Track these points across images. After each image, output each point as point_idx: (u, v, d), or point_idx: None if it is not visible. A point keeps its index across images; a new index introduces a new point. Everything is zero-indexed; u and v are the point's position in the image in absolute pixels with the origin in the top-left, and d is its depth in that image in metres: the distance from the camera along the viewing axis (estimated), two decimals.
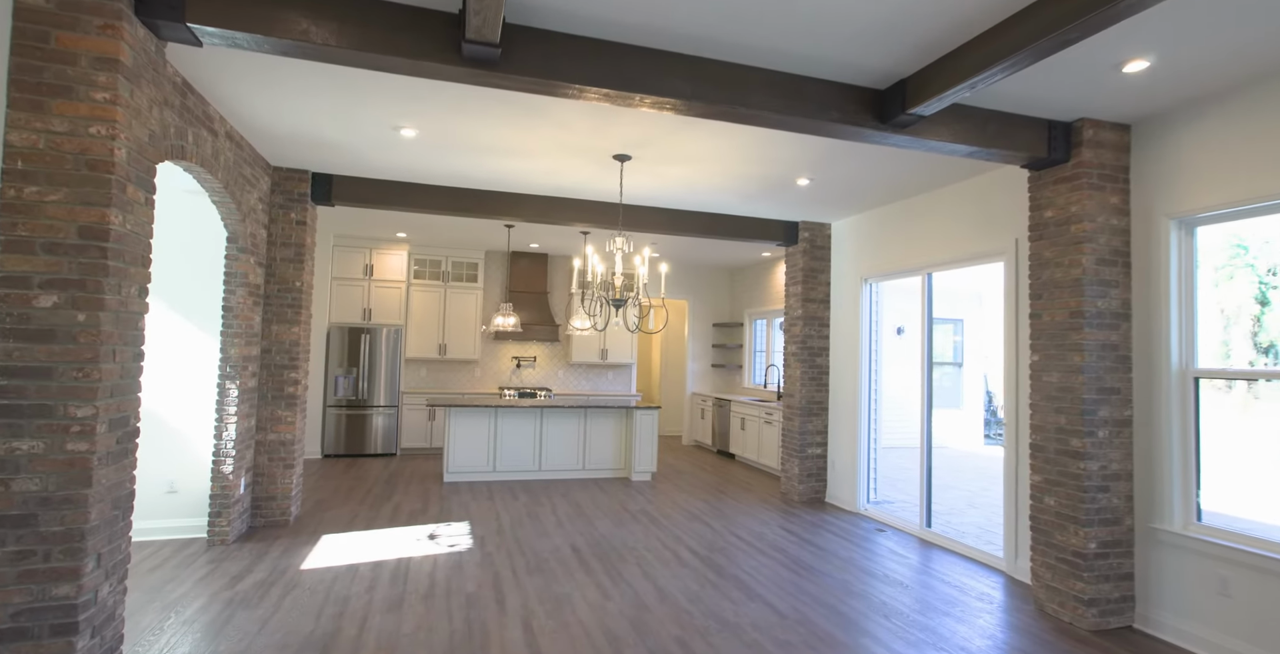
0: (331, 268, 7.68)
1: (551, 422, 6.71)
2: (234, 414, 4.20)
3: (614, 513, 5.33)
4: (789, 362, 6.20)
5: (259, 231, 4.51)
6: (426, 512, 5.19)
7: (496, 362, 8.75)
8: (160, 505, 4.25)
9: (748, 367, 9.14)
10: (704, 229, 5.87)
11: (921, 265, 4.95)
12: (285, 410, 4.70)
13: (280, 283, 4.74)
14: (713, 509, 5.57)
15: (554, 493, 6.04)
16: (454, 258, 8.35)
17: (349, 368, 7.60)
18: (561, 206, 5.48)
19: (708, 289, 9.70)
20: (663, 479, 6.88)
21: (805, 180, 4.72)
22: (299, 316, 4.77)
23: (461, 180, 5.02)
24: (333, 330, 7.58)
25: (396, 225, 7.01)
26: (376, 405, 7.68)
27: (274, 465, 4.66)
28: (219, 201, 3.97)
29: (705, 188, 5.03)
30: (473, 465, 6.44)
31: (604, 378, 9.17)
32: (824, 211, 5.71)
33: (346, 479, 6.34)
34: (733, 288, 9.72)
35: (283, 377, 4.71)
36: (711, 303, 9.73)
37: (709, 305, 9.71)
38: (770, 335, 8.76)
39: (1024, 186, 4.05)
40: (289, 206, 4.79)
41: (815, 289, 6.11)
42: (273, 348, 4.70)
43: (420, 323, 8.17)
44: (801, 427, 5.98)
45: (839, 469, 5.86)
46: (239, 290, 4.26)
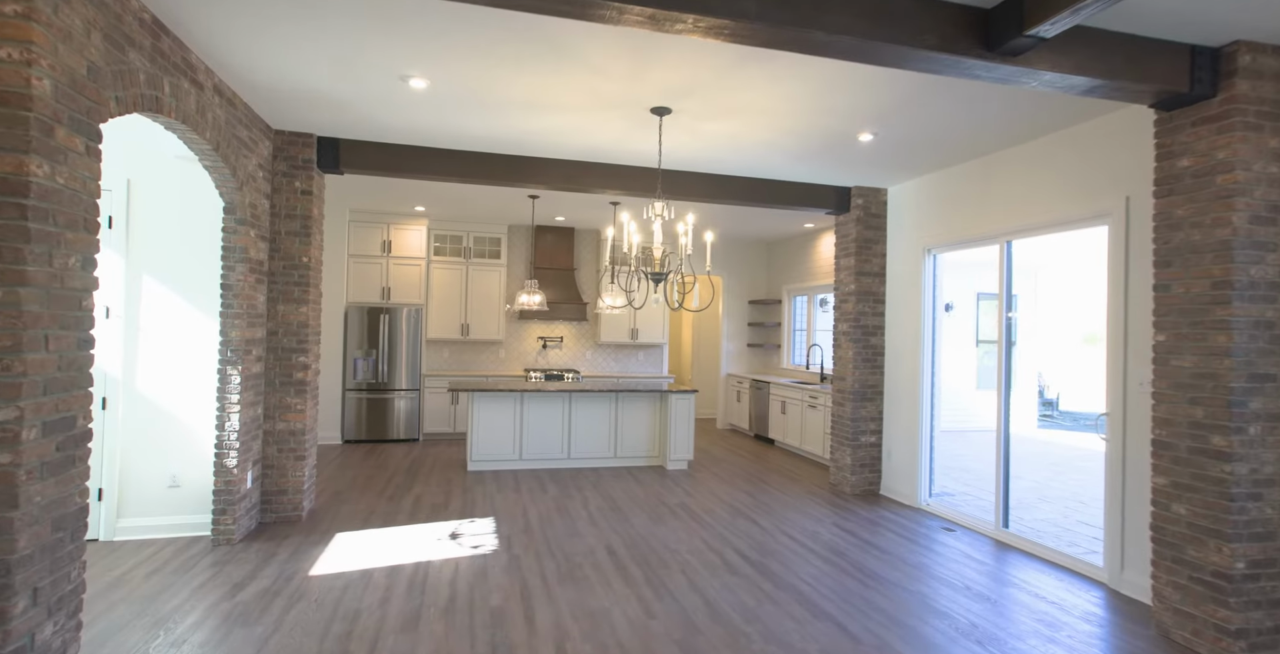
0: (348, 245, 7.29)
1: (581, 406, 6.28)
2: (237, 403, 3.83)
3: (651, 507, 4.90)
4: (839, 341, 5.66)
5: (260, 202, 4.08)
6: (449, 505, 4.81)
7: (521, 342, 8.33)
8: (162, 501, 3.93)
9: (786, 346, 8.59)
10: (746, 196, 5.30)
11: (998, 232, 4.34)
12: (295, 397, 4.33)
13: (286, 258, 4.32)
14: (757, 503, 5.11)
15: (584, 483, 5.63)
16: (475, 233, 7.90)
17: (368, 350, 7.26)
18: (590, 172, 4.95)
19: (743, 264, 9.12)
20: (700, 467, 6.44)
21: (869, 135, 4.12)
22: (307, 295, 4.36)
23: (479, 143, 4.52)
24: (350, 310, 7.22)
25: (414, 198, 6.56)
26: (397, 389, 7.34)
27: (284, 457, 4.31)
28: (211, 167, 3.54)
29: (751, 147, 4.46)
30: (498, 453, 6.06)
31: (634, 359, 8.71)
32: (882, 174, 5.10)
33: (366, 468, 6.02)
34: (770, 263, 9.13)
35: (291, 361, 4.32)
36: (747, 279, 9.16)
37: (745, 281, 9.14)
38: (811, 313, 8.18)
39: (1140, 133, 3.41)
40: (293, 174, 4.35)
41: (869, 261, 5.52)
42: (279, 330, 4.31)
43: (441, 302, 7.78)
44: (854, 413, 5.45)
45: (895, 459, 5.34)
46: (239, 267, 3.85)
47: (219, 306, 3.88)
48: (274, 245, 4.31)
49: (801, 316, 8.51)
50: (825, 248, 7.72)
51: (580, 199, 6.40)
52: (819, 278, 7.90)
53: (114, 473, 3.84)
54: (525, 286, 6.34)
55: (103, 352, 3.83)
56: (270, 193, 4.29)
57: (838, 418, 5.63)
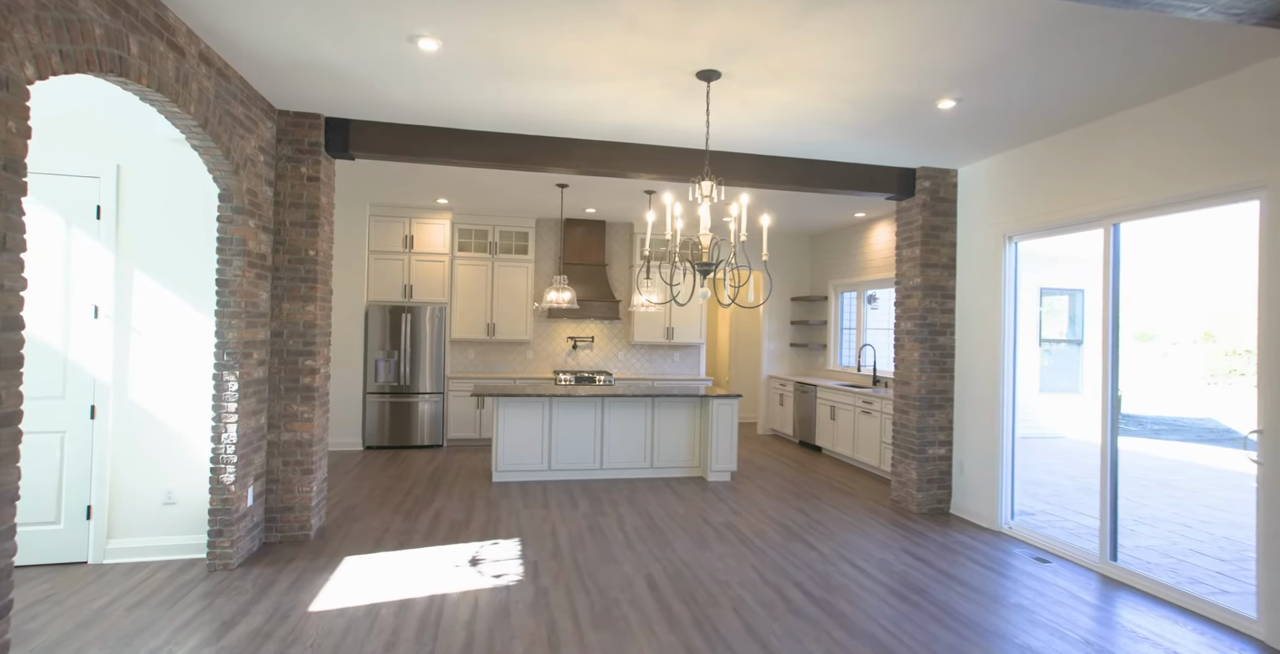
0: (368, 240, 6.93)
1: (614, 412, 5.80)
2: (234, 412, 3.44)
3: (693, 527, 4.39)
4: (902, 341, 5.06)
5: (260, 189, 3.68)
6: (470, 523, 4.37)
7: (550, 342, 7.89)
8: (156, 520, 3.56)
9: (833, 346, 7.98)
10: (798, 179, 4.74)
11: (1102, 214, 3.71)
12: (301, 405, 3.93)
13: (291, 252, 3.93)
14: (812, 523, 4.56)
15: (618, 497, 5.15)
16: (501, 227, 7.48)
17: (390, 351, 6.89)
18: (624, 154, 4.46)
19: (786, 259, 8.53)
20: (744, 479, 5.90)
21: (950, 101, 3.53)
22: (315, 292, 3.96)
23: (501, 122, 4.06)
24: (371, 309, 6.86)
25: (436, 189, 6.16)
26: (420, 392, 6.95)
27: (289, 471, 3.91)
28: (200, 147, 3.14)
29: (809, 118, 3.91)
30: (525, 462, 5.61)
31: (669, 360, 8.20)
32: (953, 152, 4.49)
33: (384, 477, 5.63)
34: (815, 256, 8.52)
35: (297, 365, 3.93)
36: (790, 274, 8.57)
37: (787, 277, 8.55)
38: (861, 310, 7.56)
39: None
40: (299, 159, 3.95)
41: (937, 252, 4.92)
42: (284, 330, 3.92)
43: (466, 300, 7.38)
44: (920, 421, 4.86)
45: (969, 475, 4.73)
46: (236, 260, 3.46)
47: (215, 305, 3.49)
48: (278, 237, 3.91)
49: (850, 314, 7.89)
50: (878, 239, 7.10)
51: (612, 188, 5.92)
52: (870, 272, 7.28)
53: (103, 489, 3.48)
54: (554, 283, 5.89)
55: (91, 355, 3.47)
56: (273, 179, 3.89)
57: (901, 427, 5.04)
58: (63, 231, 3.45)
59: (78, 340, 3.46)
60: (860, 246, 7.46)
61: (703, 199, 3.17)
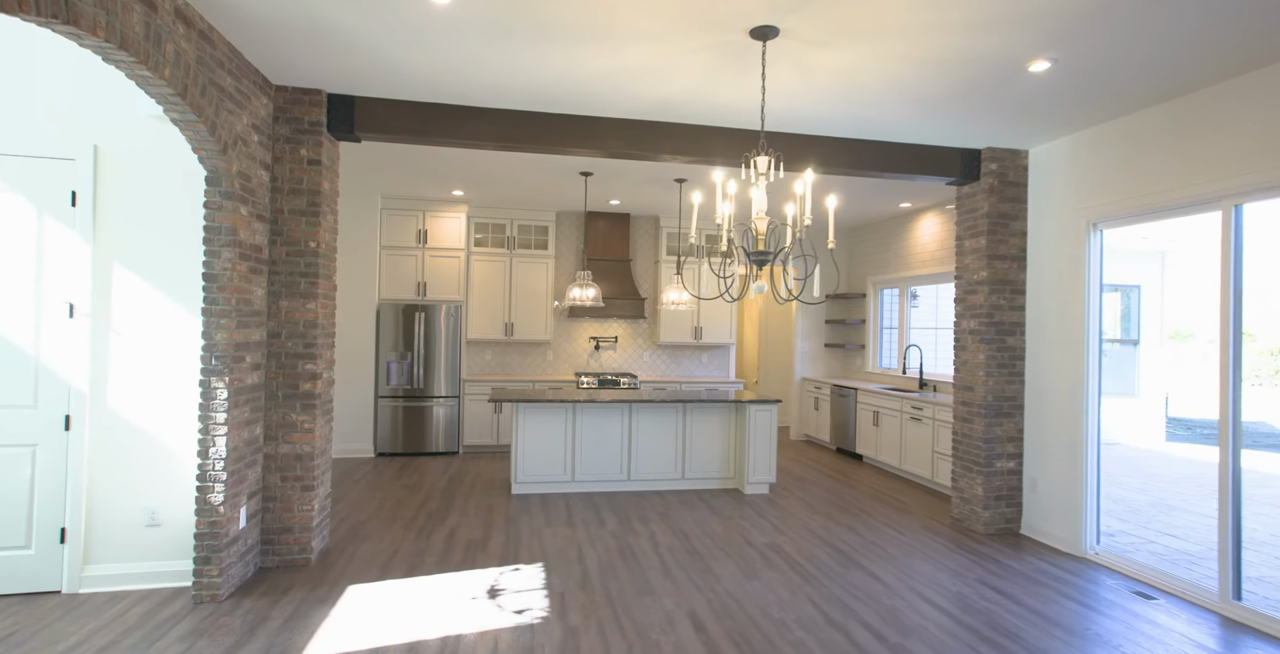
0: (380, 235, 6.55)
1: (643, 419, 5.35)
2: (223, 423, 3.04)
3: (735, 549, 3.93)
4: (964, 343, 4.55)
5: (254, 172, 3.29)
6: (488, 544, 3.95)
7: (571, 343, 7.47)
8: (139, 544, 3.18)
9: (873, 346, 7.46)
10: (852, 162, 4.26)
11: (1219, 194, 3.19)
12: (301, 414, 3.53)
13: (290, 244, 3.53)
14: (868, 544, 4.08)
15: (649, 512, 4.70)
16: (520, 221, 7.06)
17: (403, 352, 6.50)
18: (658, 134, 4.01)
19: (819, 253, 8.01)
20: (783, 491, 5.42)
21: (1044, 62, 3.03)
22: (316, 288, 3.56)
23: (522, 98, 3.63)
24: (383, 308, 6.48)
25: (451, 180, 5.75)
26: (435, 396, 6.56)
27: (288, 488, 3.51)
28: (181, 121, 2.74)
29: (871, 88, 3.43)
30: (546, 473, 5.18)
31: (697, 361, 7.74)
32: (1031, 128, 3.98)
33: (396, 488, 5.23)
34: (851, 252, 8.01)
35: (297, 369, 3.53)
36: (827, 270, 8.06)
37: (822, 273, 8.04)
38: (904, 308, 7.04)
39: None
40: (298, 140, 3.55)
41: (1005, 242, 4.40)
42: (282, 331, 3.52)
43: (483, 298, 6.97)
44: (987, 431, 4.35)
45: (1044, 492, 4.22)
46: (225, 252, 3.06)
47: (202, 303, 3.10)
48: (275, 227, 3.52)
49: (891, 313, 7.37)
50: (924, 231, 6.57)
51: (640, 177, 5.47)
52: (915, 267, 6.76)
53: (79, 509, 3.10)
54: (577, 279, 5.46)
55: (66, 359, 3.09)
56: (270, 163, 3.50)
57: (963, 437, 4.53)
58: (33, 220, 3.08)
59: (50, 342, 3.09)
60: (904, 240, 6.94)
61: (757, 178, 2.71)
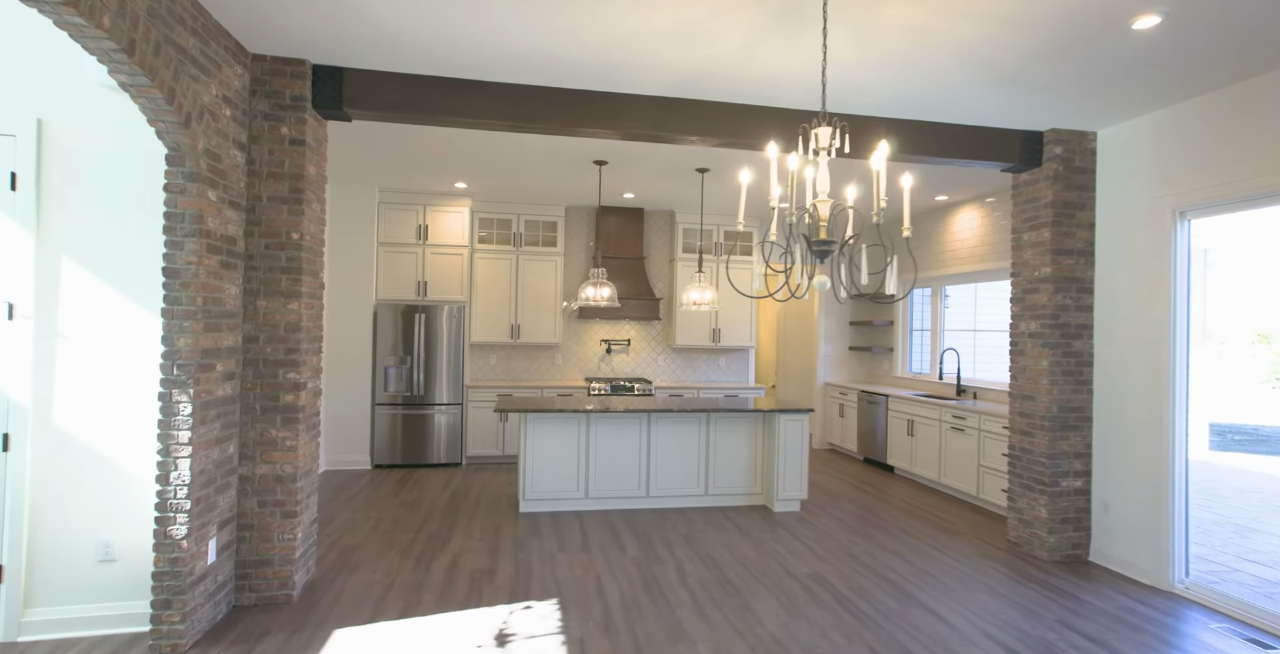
0: (377, 231, 6.12)
1: (663, 430, 4.90)
2: (188, 442, 2.60)
3: (774, 581, 3.47)
4: (1023, 346, 4.10)
5: (226, 152, 2.85)
6: (495, 574, 3.50)
7: (581, 346, 7.02)
8: (89, 582, 2.73)
9: (902, 349, 7.01)
10: (904, 146, 3.81)
11: None
12: (282, 429, 3.09)
13: (269, 235, 3.09)
14: (921, 574, 3.62)
15: (672, 534, 4.25)
16: (527, 216, 6.62)
17: (401, 356, 6.06)
18: (687, 113, 3.56)
19: None
20: (815, 508, 4.97)
21: (1153, 17, 2.57)
22: (299, 286, 3.12)
23: (533, 70, 3.18)
24: (381, 309, 6.04)
25: (453, 170, 5.31)
26: (436, 403, 6.12)
27: (266, 514, 3.07)
28: (130, 84, 2.30)
29: (939, 52, 2.98)
30: (558, 489, 4.74)
31: (715, 366, 7.29)
32: (1108, 104, 3.53)
33: (393, 506, 4.78)
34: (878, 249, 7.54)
35: (277, 378, 3.08)
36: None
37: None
38: (937, 309, 6.59)
39: None
40: (278, 117, 3.11)
41: (1071, 235, 3.95)
42: (260, 334, 3.08)
43: (487, 298, 6.53)
44: (1051, 446, 3.89)
45: (1119, 515, 3.76)
46: (189, 243, 2.62)
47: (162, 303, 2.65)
48: (252, 217, 3.08)
49: (923, 314, 6.91)
50: (962, 226, 6.12)
51: (658, 165, 5.02)
52: (950, 265, 6.30)
53: (19, 542, 2.66)
54: (591, 277, 5.01)
55: (3, 368, 2.66)
56: (246, 142, 3.06)
57: (1022, 452, 4.08)
58: None
59: None
60: (937, 236, 6.49)
61: (819, 154, 2.26)
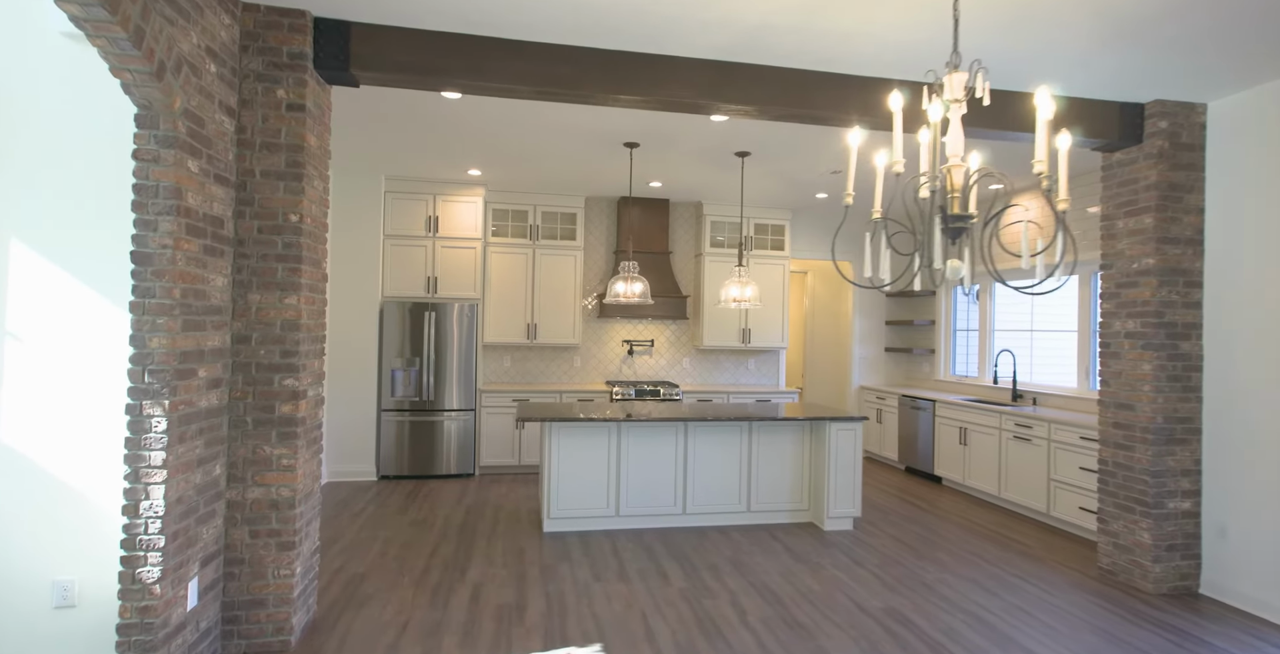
0: (384, 222, 5.65)
1: (701, 440, 4.43)
2: (162, 464, 2.13)
3: (847, 618, 3.00)
4: (1117, 348, 3.63)
5: (211, 115, 2.38)
6: (524, 611, 3.03)
7: (602, 347, 6.55)
8: (44, 631, 2.27)
9: (945, 351, 6.54)
10: (993, 120, 3.33)
11: None
12: (279, 445, 2.62)
13: (264, 217, 2.62)
14: (1013, 609, 3.15)
15: (716, 557, 3.77)
16: (544, 207, 6.15)
17: (410, 358, 5.59)
18: (744, 78, 3.09)
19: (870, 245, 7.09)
20: (868, 526, 4.49)
21: None
22: (299, 277, 2.65)
23: (569, 25, 2.71)
24: (387, 307, 5.57)
25: (466, 154, 4.84)
26: (446, 409, 5.65)
27: (260, 547, 2.60)
28: (84, 18, 1.82)
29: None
30: (585, 506, 4.27)
31: (743, 368, 6.81)
32: (1229, 68, 3.06)
33: (403, 524, 4.31)
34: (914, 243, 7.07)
35: (272, 385, 2.62)
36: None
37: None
38: (986, 306, 6.11)
39: None
40: (274, 78, 2.64)
41: (1178, 221, 3.47)
42: (252, 334, 2.61)
43: (502, 295, 6.06)
44: (1155, 463, 3.42)
45: (1238, 541, 3.28)
46: (165, 223, 2.15)
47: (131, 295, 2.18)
48: (242, 195, 2.61)
49: (969, 313, 6.44)
50: (1013, 216, 5.64)
51: (694, 147, 4.55)
52: (999, 260, 5.83)
53: None
54: (621, 271, 4.53)
55: None
56: (236, 107, 2.59)
57: (1117, 468, 3.60)
58: None
59: None
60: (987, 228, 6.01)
61: (951, 106, 1.79)
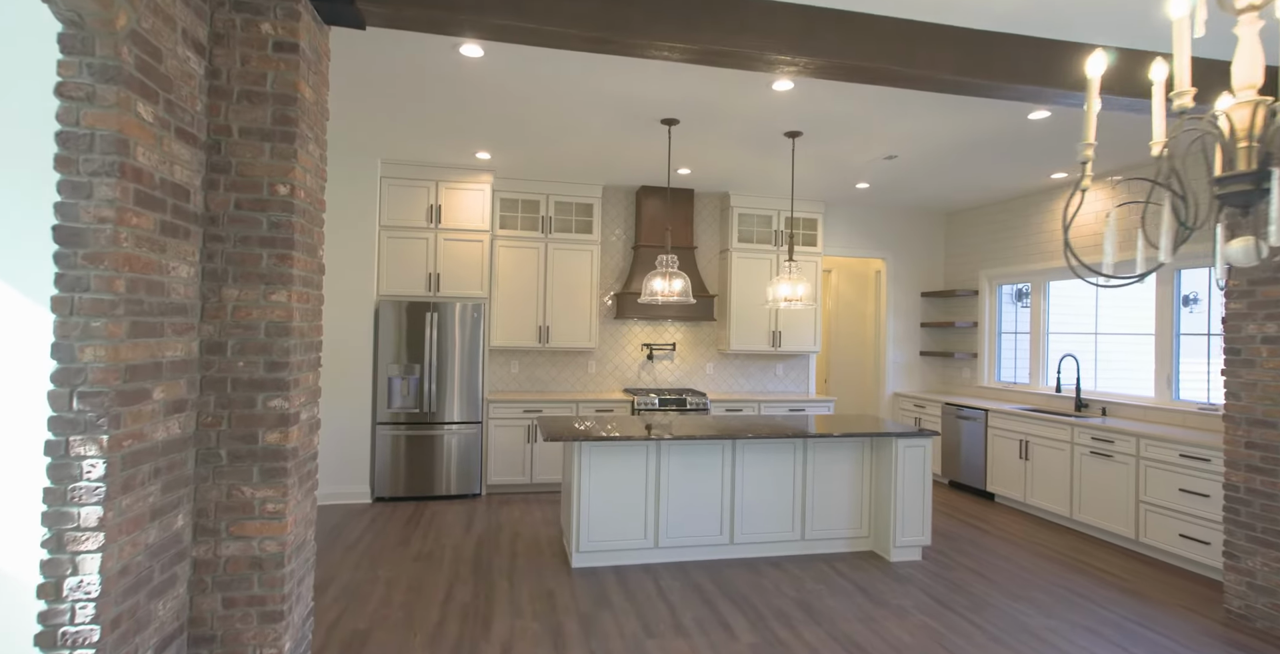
0: (381, 212, 5.02)
1: (750, 460, 3.88)
2: (97, 525, 1.52)
3: None
4: (1250, 355, 3.13)
5: (171, 46, 1.77)
6: None
7: (619, 351, 5.96)
8: None
9: (988, 355, 6.06)
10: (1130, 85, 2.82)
11: None
12: (263, 485, 2.01)
13: (243, 188, 2.01)
14: None
15: (779, 599, 3.21)
16: (558, 196, 5.56)
17: (409, 365, 4.97)
18: (847, 26, 2.54)
19: (910, 243, 6.60)
20: (936, 554, 3.96)
21: None
22: (289, 267, 2.04)
23: None
24: (384, 307, 4.95)
25: (476, 135, 4.24)
26: (448, 422, 5.04)
27: (235, 618, 1.98)
28: None
29: None
30: (620, 536, 3.69)
31: (771, 374, 6.27)
32: None
33: (405, 560, 3.69)
34: (951, 240, 6.60)
35: (254, 408, 2.00)
36: (921, 264, 6.64)
37: (915, 268, 6.63)
38: (1039, 307, 5.63)
39: None
40: (258, 8, 2.03)
41: None
42: (227, 341, 2.00)
43: (511, 294, 5.46)
44: None
45: None
46: (102, 188, 1.54)
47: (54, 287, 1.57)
48: (215, 158, 2.00)
49: (1016, 314, 5.96)
50: (1082, 210, 5.16)
51: (738, 129, 3.99)
52: (1054, 258, 5.36)
53: None
54: (659, 266, 3.94)
55: None
56: (207, 43, 1.98)
57: (1253, 496, 3.10)
58: None
59: None
60: (1038, 223, 5.54)
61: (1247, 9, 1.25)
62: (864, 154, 4.53)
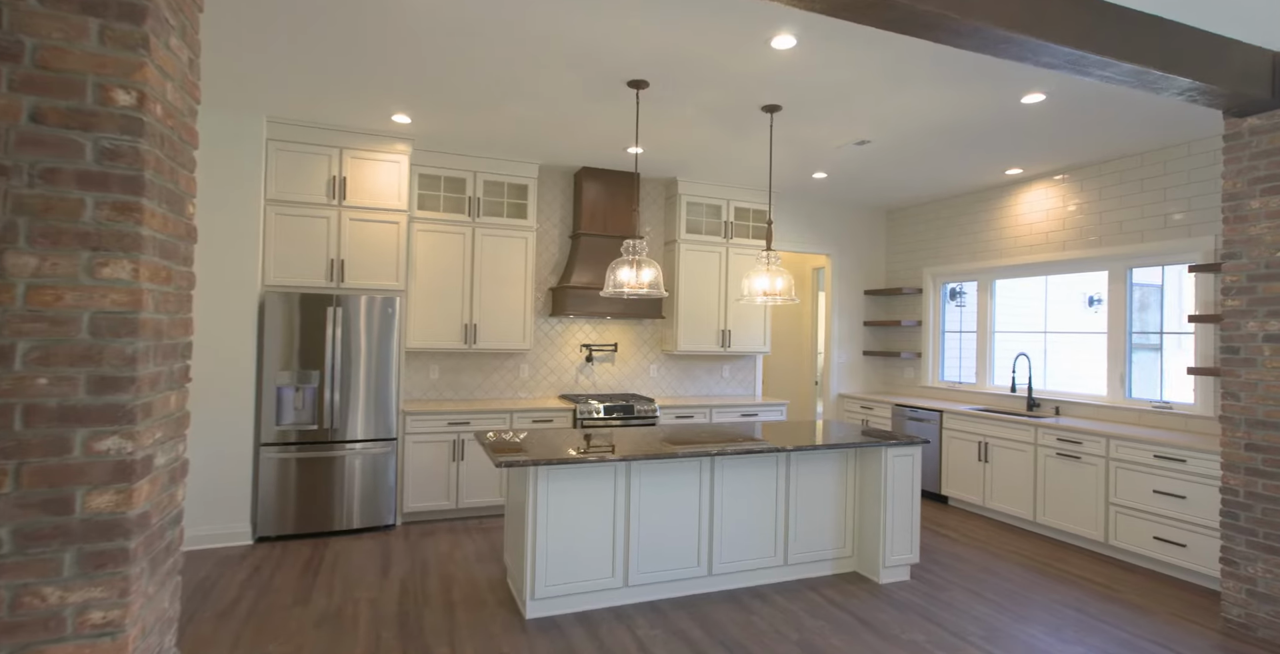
0: (266, 184, 4.05)
1: (729, 478, 3.38)
2: None
3: None
4: (1250, 353, 3.02)
5: None
6: None
7: (555, 352, 5.29)
8: None
9: (934, 354, 5.97)
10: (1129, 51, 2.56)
11: None
12: (82, 582, 1.22)
13: (47, 86, 1.22)
14: None
15: (778, 642, 2.73)
16: (487, 174, 4.80)
17: (303, 372, 4.05)
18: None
19: (853, 240, 6.43)
20: (923, 572, 3.66)
21: None
22: (136, 225, 1.26)
23: None
24: (271, 300, 3.99)
25: (395, 92, 3.43)
26: (353, 440, 4.17)
27: None
28: None
29: None
30: (585, 576, 3.06)
31: (717, 376, 5.84)
32: None
33: (305, 624, 2.85)
34: (892, 239, 6.48)
35: (69, 453, 1.21)
36: (864, 261, 6.48)
37: (858, 265, 6.46)
38: (986, 307, 5.58)
39: None
40: None
41: None
42: (16, 344, 1.19)
43: (432, 286, 4.64)
44: None
45: None
46: None
47: None
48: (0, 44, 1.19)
49: (959, 313, 5.90)
50: (1027, 207, 5.12)
51: (712, 98, 3.46)
52: (1004, 255, 5.31)
53: None
54: (625, 253, 3.33)
55: None
56: None
57: (1254, 500, 2.98)
58: None
59: None
60: (987, 221, 5.48)
61: None
62: (839, 137, 4.17)
